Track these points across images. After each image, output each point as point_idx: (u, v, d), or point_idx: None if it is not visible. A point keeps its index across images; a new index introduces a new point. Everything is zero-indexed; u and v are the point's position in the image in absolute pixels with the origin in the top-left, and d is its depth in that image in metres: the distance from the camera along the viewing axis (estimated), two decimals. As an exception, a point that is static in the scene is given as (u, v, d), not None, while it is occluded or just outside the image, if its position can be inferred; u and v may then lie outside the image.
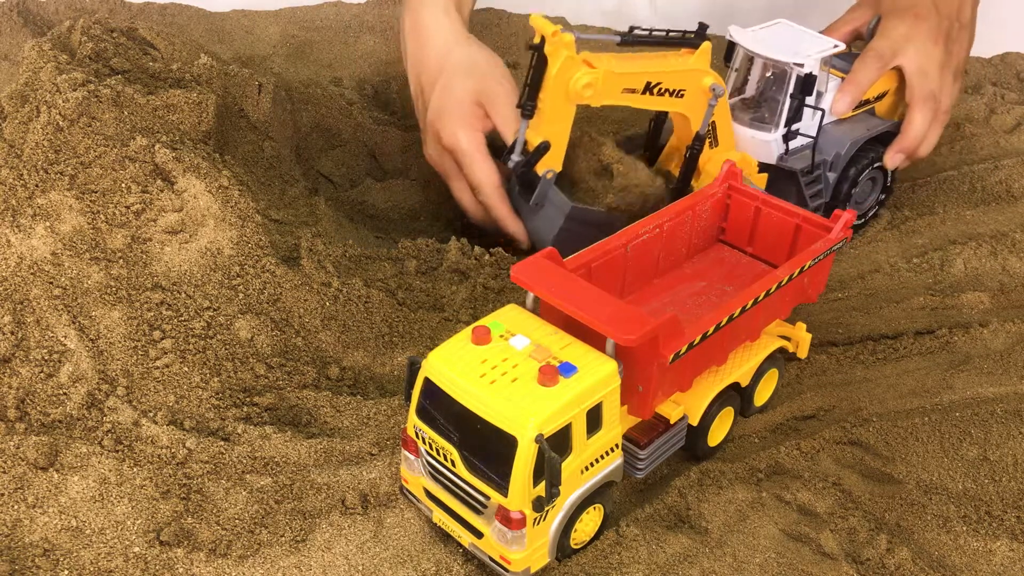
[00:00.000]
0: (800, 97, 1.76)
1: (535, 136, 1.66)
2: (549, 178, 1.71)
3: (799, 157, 1.83)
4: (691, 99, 1.72)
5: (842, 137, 1.86)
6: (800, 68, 1.74)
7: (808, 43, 1.79)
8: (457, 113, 1.79)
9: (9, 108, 1.55)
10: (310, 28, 2.60)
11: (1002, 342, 1.64)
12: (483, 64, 1.85)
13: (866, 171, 1.89)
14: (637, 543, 1.25)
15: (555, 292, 1.22)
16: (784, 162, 1.82)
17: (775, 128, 1.80)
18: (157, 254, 1.48)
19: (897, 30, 1.91)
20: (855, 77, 1.86)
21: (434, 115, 1.83)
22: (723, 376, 1.40)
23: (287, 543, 1.23)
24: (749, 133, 1.82)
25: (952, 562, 1.28)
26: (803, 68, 1.73)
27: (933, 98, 1.90)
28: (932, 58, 1.90)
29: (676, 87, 1.70)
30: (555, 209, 1.73)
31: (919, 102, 1.90)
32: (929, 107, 1.90)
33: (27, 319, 1.40)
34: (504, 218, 1.79)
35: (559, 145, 1.68)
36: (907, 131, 1.90)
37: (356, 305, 1.55)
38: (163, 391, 1.38)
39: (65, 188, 1.46)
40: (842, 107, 1.85)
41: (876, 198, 1.99)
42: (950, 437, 1.44)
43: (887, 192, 1.99)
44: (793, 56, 1.74)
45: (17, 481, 1.26)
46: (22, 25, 2.43)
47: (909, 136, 1.90)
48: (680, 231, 1.54)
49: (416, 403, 1.21)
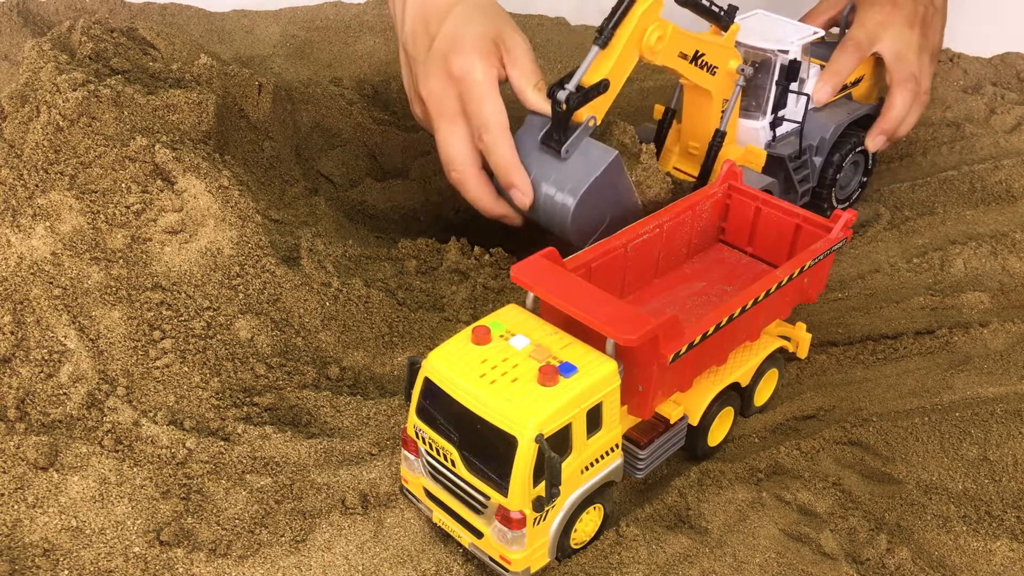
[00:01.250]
0: (785, 84, 1.80)
1: (595, 74, 1.60)
2: (591, 125, 1.61)
3: (786, 143, 1.88)
4: (720, 77, 1.76)
5: (826, 122, 1.92)
6: (784, 55, 1.78)
7: (789, 31, 1.85)
8: (476, 44, 1.61)
9: (9, 108, 1.55)
10: (310, 28, 2.60)
11: (1002, 342, 1.64)
12: (501, 10, 1.73)
13: (850, 155, 1.94)
14: (637, 543, 1.25)
15: (555, 292, 1.22)
16: (772, 148, 1.86)
17: (762, 115, 1.84)
18: (157, 254, 1.48)
19: (873, 18, 1.95)
20: (834, 66, 1.91)
21: (446, 43, 1.63)
22: (723, 376, 1.40)
23: (287, 543, 1.23)
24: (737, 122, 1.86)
25: (952, 562, 1.28)
26: (787, 55, 1.78)
27: (913, 80, 1.95)
28: (909, 42, 1.95)
29: (713, 63, 1.73)
30: (588, 161, 1.60)
31: (899, 84, 1.94)
32: (909, 89, 1.95)
33: (27, 319, 1.40)
34: (509, 165, 1.61)
35: (614, 91, 1.64)
36: (888, 113, 1.95)
37: (356, 305, 1.55)
38: (163, 391, 1.38)
39: (65, 188, 1.46)
40: (823, 95, 1.90)
41: (859, 181, 2.04)
42: (950, 437, 1.44)
43: (868, 175, 2.05)
44: (777, 43, 1.79)
45: (17, 481, 1.26)
46: (22, 25, 2.43)
47: (890, 117, 1.95)
48: (680, 231, 1.54)
49: (416, 403, 1.21)
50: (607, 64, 1.60)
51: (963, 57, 2.57)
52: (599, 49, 1.60)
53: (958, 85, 2.49)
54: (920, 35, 1.97)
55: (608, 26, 1.59)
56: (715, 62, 1.73)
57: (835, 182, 1.95)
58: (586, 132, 1.62)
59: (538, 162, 1.63)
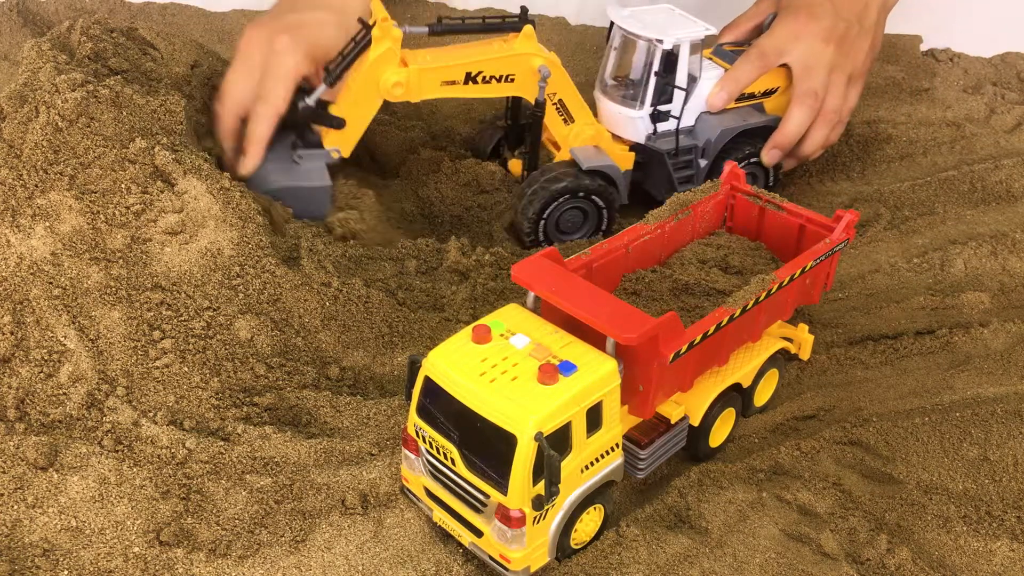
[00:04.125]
0: (665, 76, 1.79)
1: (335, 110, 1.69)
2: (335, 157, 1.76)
3: (668, 140, 1.87)
4: (523, 82, 1.77)
5: (716, 124, 1.89)
6: (660, 44, 1.77)
7: (679, 25, 1.82)
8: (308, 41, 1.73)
9: (8, 108, 1.55)
10: (310, 28, 2.60)
11: (1002, 342, 1.64)
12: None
13: (743, 163, 1.90)
14: (637, 543, 1.25)
15: (555, 291, 1.22)
16: (652, 142, 1.86)
17: (640, 105, 1.83)
18: (157, 254, 1.48)
19: (787, 28, 1.91)
20: (734, 73, 1.89)
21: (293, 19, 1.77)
22: (724, 377, 1.40)
23: (287, 543, 1.23)
24: (617, 110, 1.87)
25: (952, 562, 1.28)
26: (663, 44, 1.76)
27: (814, 95, 1.89)
28: (820, 57, 1.89)
29: (502, 73, 1.74)
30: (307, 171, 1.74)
31: (798, 98, 1.90)
32: (807, 104, 1.89)
33: (27, 319, 1.40)
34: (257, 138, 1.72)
35: (355, 130, 1.71)
36: (783, 126, 1.91)
37: (356, 305, 1.55)
38: (163, 391, 1.38)
39: (65, 188, 1.46)
40: (718, 101, 1.88)
41: None
42: (950, 437, 1.44)
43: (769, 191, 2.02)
44: (656, 33, 1.78)
45: (17, 481, 1.26)
46: (22, 25, 2.43)
47: (784, 131, 1.90)
48: (682, 232, 1.54)
49: (416, 402, 1.21)
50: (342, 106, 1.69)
51: (963, 57, 2.57)
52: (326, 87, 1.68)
53: (958, 85, 2.50)
54: (836, 52, 1.91)
55: (335, 69, 1.66)
56: (506, 72, 1.74)
57: None
58: (325, 158, 1.76)
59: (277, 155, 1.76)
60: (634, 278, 1.45)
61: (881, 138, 2.26)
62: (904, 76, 2.50)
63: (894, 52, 2.56)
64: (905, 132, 2.27)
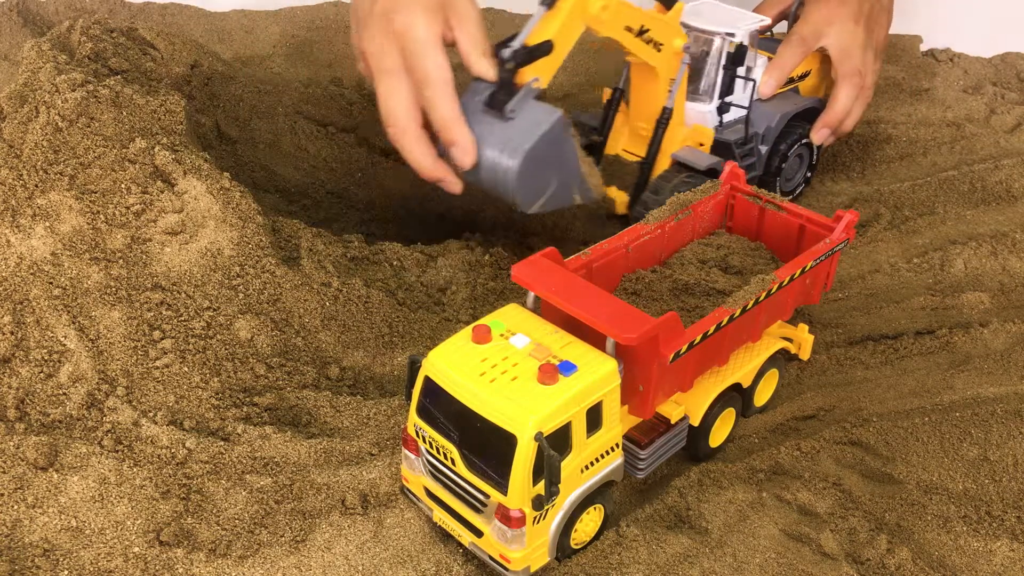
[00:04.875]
0: (731, 69, 1.83)
1: (539, 35, 1.60)
2: (535, 87, 1.58)
3: (734, 129, 1.91)
4: (665, 55, 1.78)
5: (772, 111, 1.95)
6: (731, 39, 1.82)
7: (737, 17, 1.89)
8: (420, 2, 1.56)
9: (8, 108, 1.55)
10: (310, 28, 2.60)
11: (1002, 342, 1.64)
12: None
13: (795, 146, 1.97)
14: (637, 543, 1.25)
15: (556, 291, 1.22)
16: (720, 134, 1.88)
17: (709, 99, 1.87)
18: (157, 254, 1.48)
19: (819, 13, 2.00)
20: (779, 60, 1.96)
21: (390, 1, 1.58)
22: (724, 377, 1.40)
23: (287, 543, 1.23)
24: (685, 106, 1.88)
25: (952, 562, 1.28)
26: (734, 38, 1.82)
27: (858, 74, 1.99)
28: (854, 38, 1.99)
29: (658, 39, 1.75)
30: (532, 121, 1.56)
31: (844, 79, 1.98)
32: (854, 84, 1.98)
33: (27, 319, 1.40)
34: (450, 121, 1.53)
35: (559, 55, 1.64)
36: (832, 107, 1.99)
37: (356, 305, 1.55)
38: (163, 391, 1.38)
39: (65, 188, 1.46)
40: (767, 88, 1.95)
41: (803, 175, 2.07)
42: (950, 437, 1.44)
43: (812, 170, 2.08)
44: (724, 27, 1.83)
45: (17, 481, 1.26)
46: (22, 25, 2.43)
47: (834, 111, 1.99)
48: (682, 232, 1.54)
49: (416, 402, 1.21)
50: (552, 26, 1.61)
51: (963, 57, 2.57)
52: (545, 10, 1.62)
53: (958, 85, 2.50)
54: (865, 31, 2.00)
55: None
56: (660, 39, 1.75)
57: (780, 171, 1.98)
58: (530, 93, 1.58)
59: (481, 123, 1.56)
60: (634, 278, 1.45)
61: (881, 138, 2.26)
62: (904, 76, 2.51)
63: (894, 52, 2.56)
64: (905, 132, 2.28)
